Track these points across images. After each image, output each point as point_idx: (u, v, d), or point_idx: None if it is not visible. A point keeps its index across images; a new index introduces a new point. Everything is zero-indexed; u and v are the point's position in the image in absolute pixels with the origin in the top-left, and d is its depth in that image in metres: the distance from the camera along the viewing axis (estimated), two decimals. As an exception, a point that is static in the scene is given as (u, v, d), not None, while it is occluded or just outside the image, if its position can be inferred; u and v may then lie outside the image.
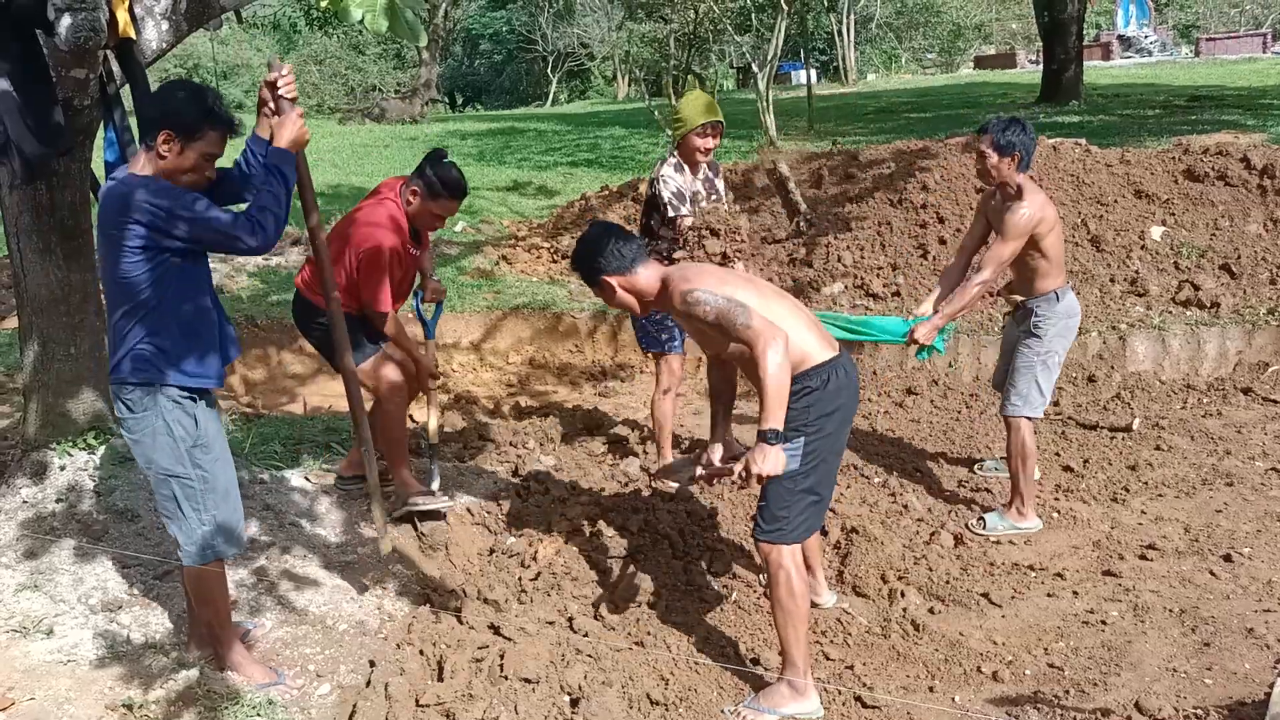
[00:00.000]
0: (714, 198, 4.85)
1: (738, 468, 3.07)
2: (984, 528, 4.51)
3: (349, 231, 4.20)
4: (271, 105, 3.06)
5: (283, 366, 7.39)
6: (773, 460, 2.98)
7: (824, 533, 4.22)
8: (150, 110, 2.92)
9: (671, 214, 4.66)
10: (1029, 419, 4.50)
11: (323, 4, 5.59)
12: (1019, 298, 4.62)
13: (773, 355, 2.96)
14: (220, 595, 3.14)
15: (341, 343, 3.41)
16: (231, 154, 3.05)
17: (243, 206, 2.97)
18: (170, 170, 2.87)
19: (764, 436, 2.97)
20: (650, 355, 5.06)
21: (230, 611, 3.23)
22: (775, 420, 2.97)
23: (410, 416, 4.98)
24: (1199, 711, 3.11)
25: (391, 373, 4.24)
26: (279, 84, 3.03)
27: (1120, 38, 39.63)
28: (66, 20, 3.12)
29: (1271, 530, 4.37)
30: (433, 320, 4.60)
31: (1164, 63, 33.31)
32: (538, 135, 20.29)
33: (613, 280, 3.31)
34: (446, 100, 41.95)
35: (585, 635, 3.60)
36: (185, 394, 2.97)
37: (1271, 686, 3.11)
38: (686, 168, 4.76)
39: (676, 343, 4.86)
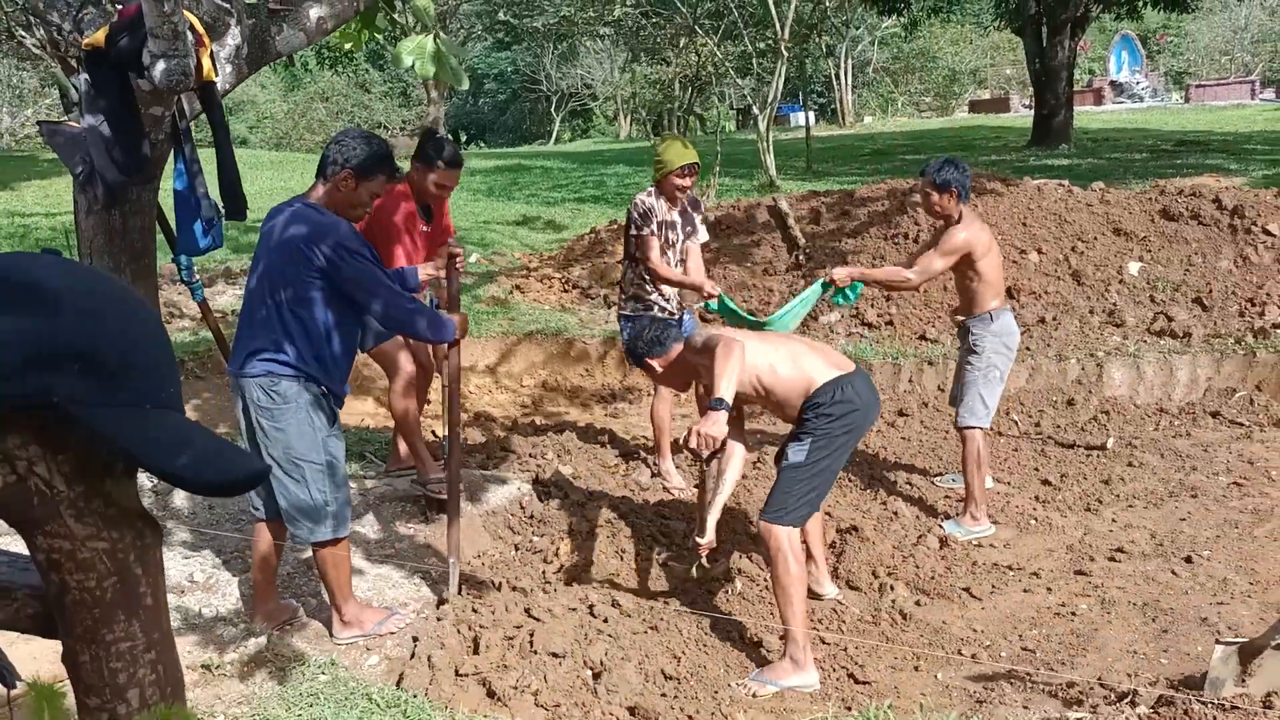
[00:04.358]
0: (689, 229, 5.32)
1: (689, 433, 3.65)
2: (944, 532, 4.92)
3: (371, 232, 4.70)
4: (444, 274, 3.94)
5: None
6: (714, 424, 3.57)
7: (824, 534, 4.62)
8: (336, 151, 3.42)
9: (635, 231, 5.20)
10: (979, 430, 4.92)
11: (347, 46, 6.09)
12: (960, 318, 5.08)
13: (722, 351, 3.63)
14: (346, 569, 3.62)
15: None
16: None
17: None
18: (341, 204, 3.42)
19: (713, 404, 3.60)
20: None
21: (350, 583, 3.69)
22: (720, 392, 3.58)
23: (432, 432, 5.45)
24: (1152, 683, 3.50)
25: (402, 361, 4.73)
26: (457, 261, 3.87)
27: (1113, 83, 40.45)
28: (161, 65, 3.57)
29: (1229, 536, 4.77)
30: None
31: (1155, 108, 34.07)
32: (544, 172, 20.84)
33: (654, 363, 3.99)
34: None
35: (605, 620, 3.99)
36: (324, 393, 3.42)
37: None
38: (664, 199, 5.25)
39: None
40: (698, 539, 3.95)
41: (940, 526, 4.95)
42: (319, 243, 3.28)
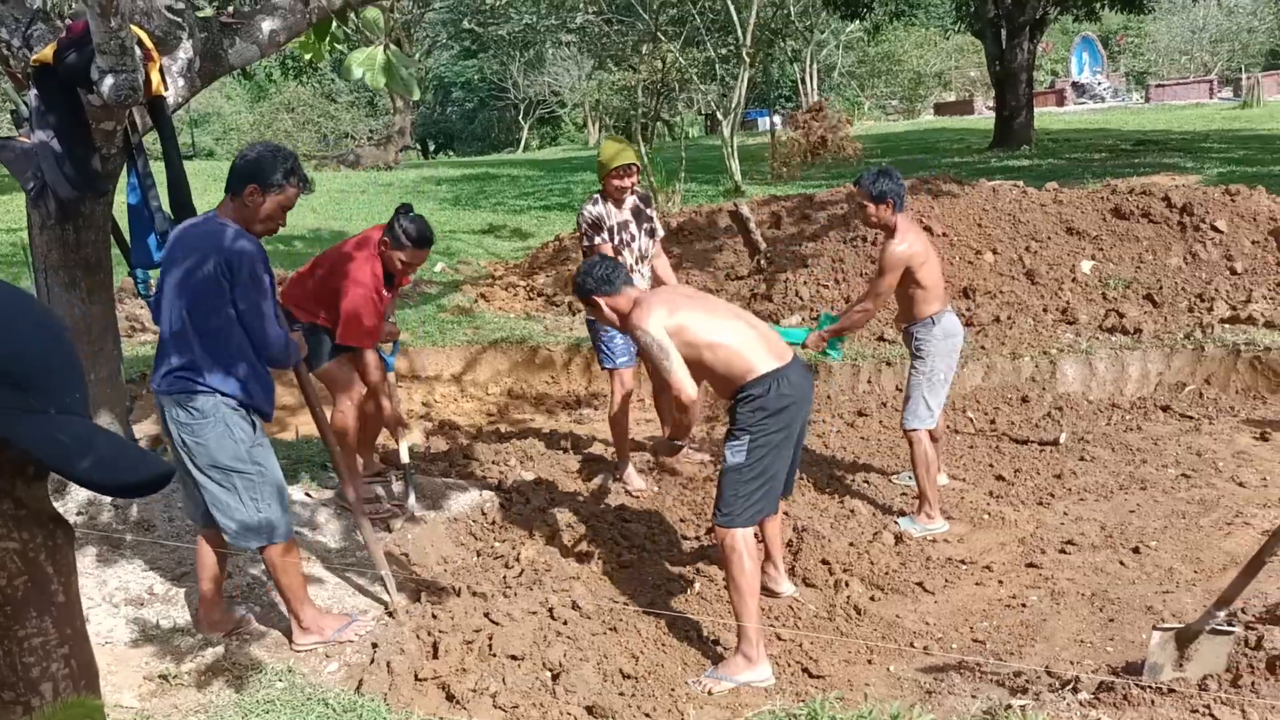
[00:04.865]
0: (645, 226, 5.42)
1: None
2: (900, 529, 5.01)
3: (341, 280, 4.75)
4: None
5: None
6: (668, 463, 3.84)
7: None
8: (240, 166, 3.45)
9: (586, 243, 5.34)
10: (924, 431, 5.02)
11: (307, 56, 6.10)
12: (903, 325, 5.18)
13: (683, 407, 3.76)
14: (295, 571, 3.64)
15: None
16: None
17: None
18: (251, 218, 3.42)
19: (675, 445, 3.97)
20: (606, 371, 5.60)
21: (303, 585, 3.71)
22: (676, 437, 3.97)
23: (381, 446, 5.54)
24: (1095, 670, 3.59)
25: (344, 376, 4.80)
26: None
27: (1074, 84, 41.01)
28: (109, 80, 3.58)
29: (1176, 526, 4.88)
30: (390, 356, 5.16)
31: (1116, 108, 34.55)
32: (511, 180, 20.88)
33: (599, 298, 3.90)
34: (419, 147, 42.62)
35: (564, 622, 4.04)
36: (239, 404, 3.44)
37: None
38: (610, 203, 5.36)
39: (626, 359, 5.41)
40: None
41: (895, 524, 5.03)
42: (224, 259, 3.30)
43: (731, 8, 16.71)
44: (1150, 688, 3.12)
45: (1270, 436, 5.97)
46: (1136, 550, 4.65)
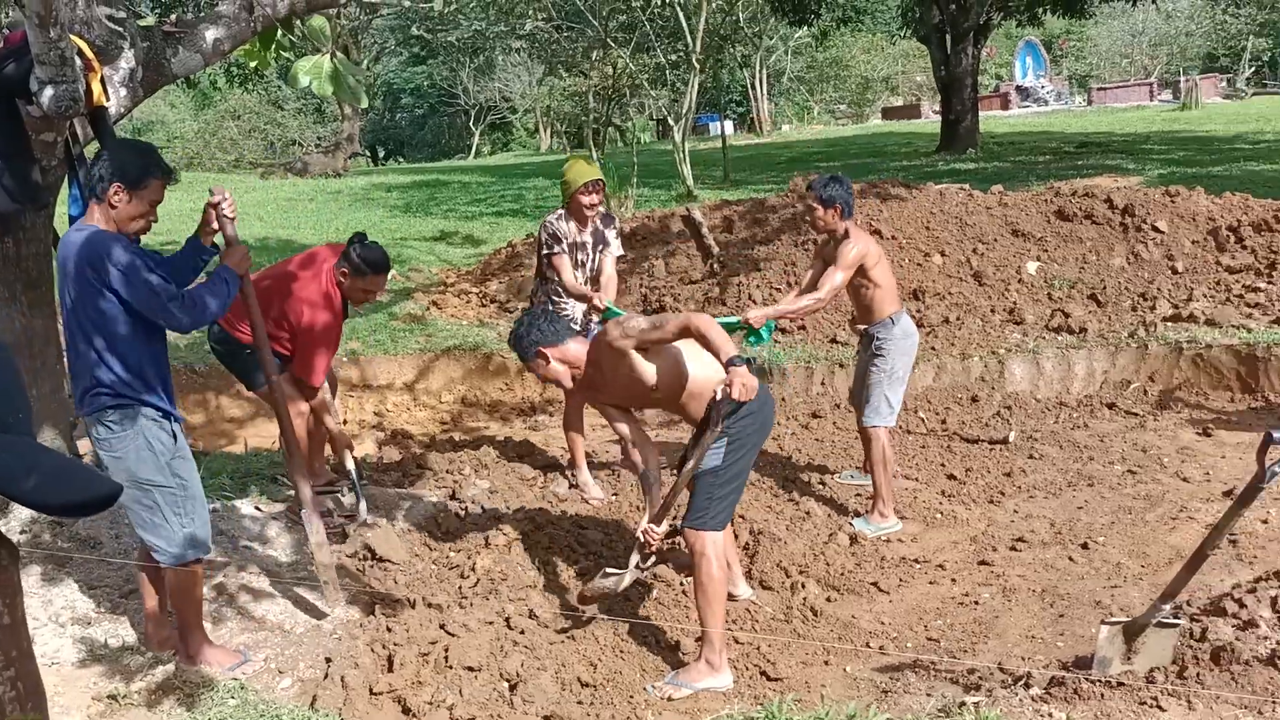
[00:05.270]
0: (601, 248, 5.42)
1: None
2: (854, 530, 5.05)
3: (287, 301, 4.69)
4: (215, 225, 3.58)
5: (221, 410, 7.69)
6: (749, 380, 3.38)
7: (735, 536, 4.71)
8: (100, 168, 3.35)
9: (545, 251, 5.32)
10: (884, 429, 5.10)
11: (253, 64, 6.05)
12: (862, 326, 5.26)
13: (695, 319, 3.50)
14: (199, 594, 3.54)
15: (269, 365, 3.88)
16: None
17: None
18: (123, 219, 3.32)
19: (733, 362, 3.38)
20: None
21: (202, 609, 3.60)
22: (731, 349, 3.41)
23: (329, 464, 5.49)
24: (1046, 665, 3.65)
25: (291, 390, 4.74)
26: (223, 205, 3.54)
27: (1018, 88, 41.71)
28: (49, 91, 3.51)
29: (1123, 522, 4.98)
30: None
31: (1059, 111, 35.20)
32: (463, 187, 20.78)
33: (547, 350, 3.80)
34: (368, 154, 42.28)
35: (521, 632, 4.02)
36: (160, 414, 3.37)
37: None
38: (574, 221, 5.35)
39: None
40: (652, 527, 3.88)
41: (850, 524, 5.08)
42: (101, 265, 3.23)
43: (681, 14, 16.79)
44: (1099, 681, 3.17)
45: (1213, 432, 6.11)
46: (1085, 546, 4.74)
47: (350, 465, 4.89)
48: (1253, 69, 42.23)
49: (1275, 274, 7.52)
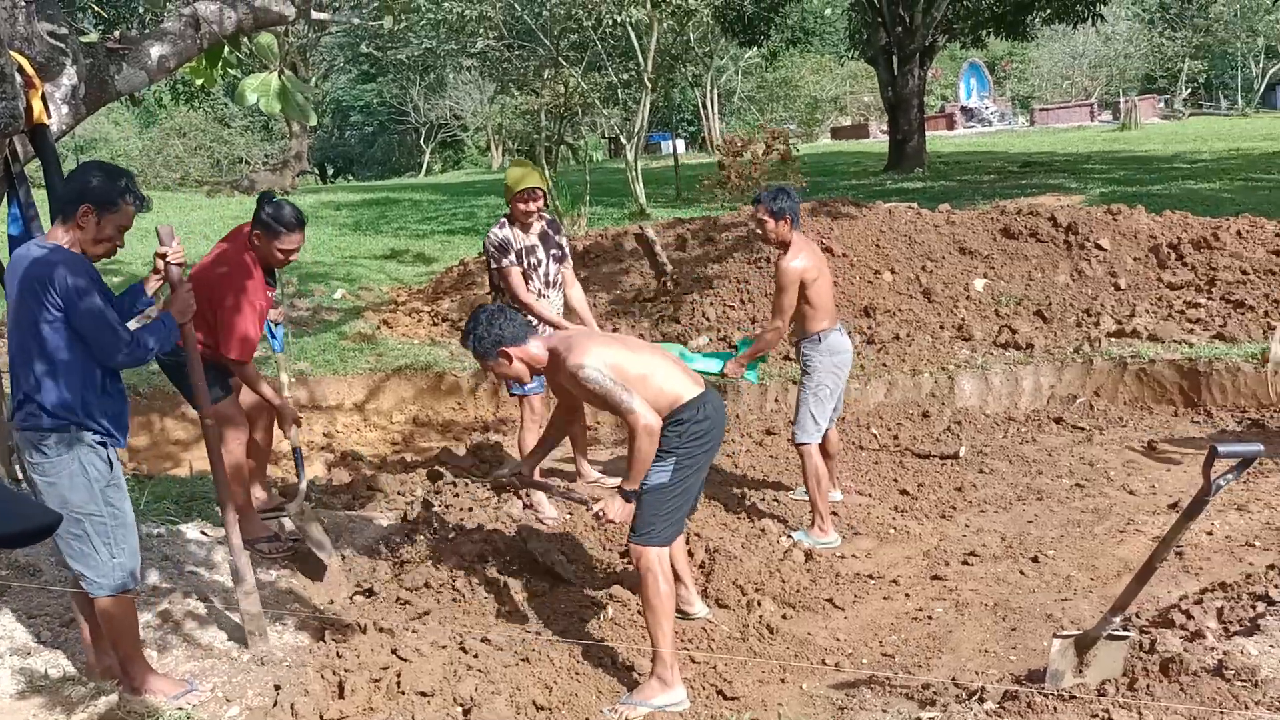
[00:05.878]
0: (555, 252, 5.44)
1: (595, 508, 3.77)
2: (793, 541, 5.07)
3: (209, 281, 4.53)
4: (163, 273, 3.53)
5: (166, 433, 7.54)
6: (621, 510, 3.72)
7: (691, 554, 4.70)
8: (71, 187, 3.27)
9: (494, 265, 5.32)
10: (812, 445, 5.12)
11: (198, 81, 5.96)
12: (795, 339, 5.31)
13: (647, 437, 3.60)
14: (134, 623, 3.44)
15: (200, 386, 3.75)
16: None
17: None
18: (88, 241, 3.23)
19: (622, 493, 3.71)
20: (516, 398, 5.56)
21: (139, 638, 3.50)
22: (632, 484, 3.69)
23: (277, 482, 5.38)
24: (999, 679, 3.67)
25: (237, 417, 4.67)
26: (169, 255, 3.48)
27: (963, 109, 42.46)
28: (-14, 108, 3.43)
29: (1072, 535, 5.05)
30: (278, 339, 5.01)
31: (1003, 131, 35.89)
32: (413, 205, 20.64)
33: (510, 350, 3.77)
34: (317, 172, 41.86)
35: (475, 655, 3.97)
36: (98, 439, 3.28)
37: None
38: (516, 227, 5.36)
39: (536, 384, 5.37)
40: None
41: (789, 536, 5.09)
42: (53, 283, 3.15)
43: (632, 34, 16.88)
44: (1052, 695, 3.20)
45: (1157, 446, 6.23)
46: (1035, 559, 4.79)
47: (296, 442, 4.79)
48: (1189, 90, 43.45)
49: (1215, 290, 7.70)
